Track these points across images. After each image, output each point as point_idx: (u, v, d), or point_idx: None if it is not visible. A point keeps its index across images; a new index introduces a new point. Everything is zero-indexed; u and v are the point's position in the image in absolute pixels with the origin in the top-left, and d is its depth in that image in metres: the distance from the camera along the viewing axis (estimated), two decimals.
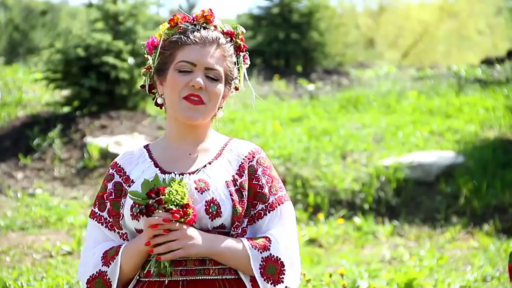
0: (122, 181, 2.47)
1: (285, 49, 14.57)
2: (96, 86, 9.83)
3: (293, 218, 2.50)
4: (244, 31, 2.51)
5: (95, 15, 11.08)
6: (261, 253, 2.38)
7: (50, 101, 10.46)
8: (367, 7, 21.53)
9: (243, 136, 9.27)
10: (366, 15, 21.02)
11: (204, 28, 2.44)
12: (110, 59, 9.73)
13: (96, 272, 2.40)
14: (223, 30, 2.47)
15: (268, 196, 2.46)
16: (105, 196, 2.48)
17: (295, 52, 14.59)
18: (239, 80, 2.51)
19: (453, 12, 20.18)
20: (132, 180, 2.46)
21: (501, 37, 19.86)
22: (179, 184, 2.34)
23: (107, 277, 2.39)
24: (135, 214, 2.38)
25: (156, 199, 2.31)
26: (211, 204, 2.37)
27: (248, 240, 2.41)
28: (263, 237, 2.43)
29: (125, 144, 8.94)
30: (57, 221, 7.15)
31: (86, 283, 2.41)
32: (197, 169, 2.43)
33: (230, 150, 2.50)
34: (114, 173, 2.51)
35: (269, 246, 2.39)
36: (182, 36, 2.41)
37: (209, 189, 2.38)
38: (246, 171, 2.46)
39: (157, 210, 2.31)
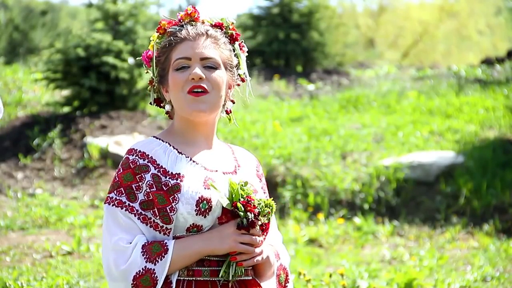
0: (159, 174, 2.36)
1: (285, 49, 14.57)
2: (96, 86, 9.83)
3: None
4: (234, 21, 2.51)
5: (95, 15, 11.09)
6: (277, 261, 2.49)
7: (50, 101, 10.46)
8: (367, 7, 21.54)
9: (243, 136, 9.28)
10: (366, 15, 21.02)
11: (191, 25, 2.45)
12: (110, 59, 9.73)
13: (143, 269, 2.31)
14: (211, 24, 2.48)
15: None
16: (134, 186, 2.35)
17: (295, 52, 14.59)
18: (241, 68, 2.51)
19: (453, 12, 20.19)
20: (182, 175, 2.37)
21: (501, 37, 19.87)
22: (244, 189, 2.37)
23: (155, 275, 2.31)
24: (203, 210, 2.33)
25: (255, 212, 2.33)
26: None
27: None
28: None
29: (125, 144, 8.94)
30: (57, 221, 7.15)
31: (133, 280, 2.31)
32: (234, 169, 2.47)
33: (241, 156, 2.56)
34: (149, 164, 2.37)
35: (279, 255, 2.50)
36: (171, 38, 2.43)
37: (257, 192, 2.45)
38: (262, 179, 2.56)
39: (257, 229, 2.35)
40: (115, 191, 2.36)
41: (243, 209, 2.31)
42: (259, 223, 2.34)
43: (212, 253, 2.34)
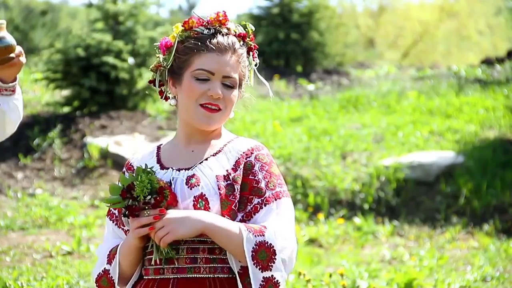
0: None
1: (285, 49, 14.57)
2: (96, 86, 9.83)
3: (291, 213, 2.45)
4: (253, 28, 2.52)
5: (95, 15, 11.09)
6: (255, 236, 2.33)
7: (50, 101, 10.46)
8: (367, 7, 21.54)
9: (243, 136, 9.28)
10: (366, 15, 21.02)
11: (219, 32, 2.44)
12: (110, 59, 9.73)
13: (102, 271, 2.46)
14: (235, 33, 2.47)
15: (264, 190, 2.42)
16: None
17: (295, 52, 14.59)
18: (249, 78, 2.55)
19: (453, 12, 20.18)
20: None
21: (501, 37, 19.87)
22: (146, 171, 2.35)
23: (110, 275, 2.44)
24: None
25: (131, 197, 2.32)
26: (199, 200, 2.38)
27: (243, 224, 2.39)
28: (259, 225, 2.38)
29: (125, 144, 8.94)
30: (57, 221, 7.15)
31: (95, 282, 2.47)
32: (193, 165, 2.45)
33: (232, 147, 2.52)
34: (125, 171, 2.54)
35: (264, 232, 2.34)
36: (198, 43, 2.42)
37: (199, 185, 2.39)
38: (241, 166, 2.45)
39: (146, 212, 2.33)
40: None
41: (120, 199, 2.34)
42: (140, 204, 2.32)
43: (133, 246, 2.40)
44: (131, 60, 9.97)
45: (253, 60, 2.54)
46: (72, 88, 10.04)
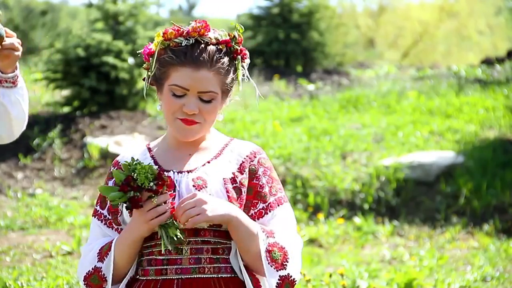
0: None
1: (285, 49, 14.57)
2: (96, 86, 9.83)
3: (293, 219, 2.51)
4: (243, 28, 2.47)
5: (95, 15, 11.10)
6: (267, 237, 2.38)
7: (50, 101, 10.46)
8: (367, 7, 21.55)
9: (243, 136, 9.28)
10: (366, 15, 21.03)
11: (198, 42, 2.39)
12: (110, 59, 9.73)
13: (92, 269, 2.40)
14: (218, 40, 2.41)
15: (268, 196, 2.48)
16: None
17: (295, 52, 14.59)
18: (238, 82, 2.49)
19: (453, 12, 20.18)
20: None
21: (501, 37, 19.88)
22: (138, 162, 2.31)
23: (102, 273, 2.39)
24: (128, 211, 2.39)
25: (133, 188, 2.27)
26: None
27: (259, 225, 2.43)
28: (269, 229, 2.44)
29: (125, 144, 8.94)
30: (57, 221, 7.15)
31: (83, 280, 2.41)
32: (196, 168, 2.44)
33: (231, 150, 2.50)
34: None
35: (274, 235, 2.39)
36: (174, 57, 2.38)
37: (206, 187, 2.39)
38: (246, 170, 2.47)
39: (154, 199, 2.29)
40: (96, 202, 2.52)
41: (122, 194, 2.28)
42: (143, 193, 2.28)
43: (138, 239, 2.36)
44: (131, 60, 9.98)
45: (243, 60, 2.47)
46: (72, 88, 10.05)
